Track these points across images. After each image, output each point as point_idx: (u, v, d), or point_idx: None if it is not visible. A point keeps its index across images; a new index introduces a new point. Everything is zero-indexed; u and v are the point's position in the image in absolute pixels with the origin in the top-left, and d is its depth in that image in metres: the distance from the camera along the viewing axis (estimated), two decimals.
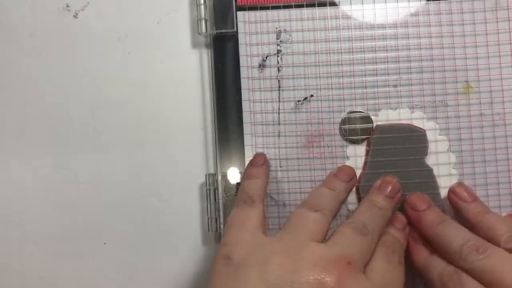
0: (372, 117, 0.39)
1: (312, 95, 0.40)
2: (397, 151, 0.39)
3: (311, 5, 0.40)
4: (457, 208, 0.36)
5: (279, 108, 0.40)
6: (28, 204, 0.41)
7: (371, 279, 0.32)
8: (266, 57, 0.40)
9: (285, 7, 0.40)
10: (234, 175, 0.39)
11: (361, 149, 0.40)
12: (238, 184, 0.39)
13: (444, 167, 0.39)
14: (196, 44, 0.41)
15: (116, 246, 0.41)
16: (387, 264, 0.33)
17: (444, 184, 0.39)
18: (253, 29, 0.40)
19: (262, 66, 0.40)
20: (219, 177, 0.39)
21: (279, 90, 0.40)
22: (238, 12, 0.40)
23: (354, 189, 0.39)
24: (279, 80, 0.40)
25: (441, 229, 0.34)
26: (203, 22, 0.39)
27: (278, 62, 0.40)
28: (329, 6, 0.40)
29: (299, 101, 0.40)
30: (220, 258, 0.32)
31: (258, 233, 0.33)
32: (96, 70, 0.41)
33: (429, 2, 0.40)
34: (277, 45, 0.40)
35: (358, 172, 0.39)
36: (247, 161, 0.39)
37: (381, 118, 0.39)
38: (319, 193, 0.36)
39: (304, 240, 0.32)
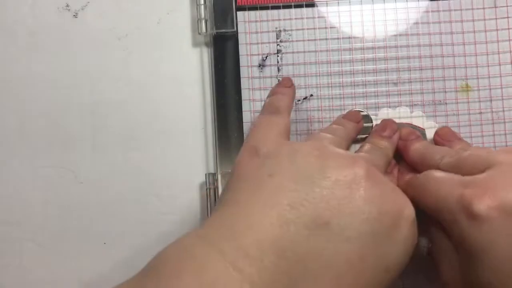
0: (372, 116, 0.39)
1: (312, 95, 0.40)
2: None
3: (311, 5, 0.40)
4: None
5: None
6: (28, 204, 0.41)
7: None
8: (266, 57, 0.40)
9: (284, 6, 0.40)
10: None
11: None
12: None
13: None
14: (196, 44, 0.41)
15: (116, 246, 0.41)
16: None
17: None
18: (253, 29, 0.40)
19: (262, 65, 0.40)
20: (219, 177, 0.39)
21: None
22: (238, 12, 0.40)
23: None
24: (279, 80, 0.40)
25: (426, 150, 0.35)
26: (203, 22, 0.39)
27: (278, 62, 0.40)
28: (328, 5, 0.40)
29: (299, 100, 0.40)
30: (245, 151, 0.31)
31: (284, 138, 0.33)
32: (96, 70, 0.41)
33: (428, 1, 0.40)
34: (277, 44, 0.40)
35: None
36: None
37: (381, 117, 0.39)
38: (329, 127, 0.36)
39: (328, 144, 0.32)
